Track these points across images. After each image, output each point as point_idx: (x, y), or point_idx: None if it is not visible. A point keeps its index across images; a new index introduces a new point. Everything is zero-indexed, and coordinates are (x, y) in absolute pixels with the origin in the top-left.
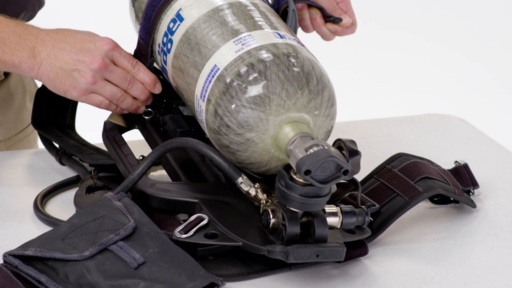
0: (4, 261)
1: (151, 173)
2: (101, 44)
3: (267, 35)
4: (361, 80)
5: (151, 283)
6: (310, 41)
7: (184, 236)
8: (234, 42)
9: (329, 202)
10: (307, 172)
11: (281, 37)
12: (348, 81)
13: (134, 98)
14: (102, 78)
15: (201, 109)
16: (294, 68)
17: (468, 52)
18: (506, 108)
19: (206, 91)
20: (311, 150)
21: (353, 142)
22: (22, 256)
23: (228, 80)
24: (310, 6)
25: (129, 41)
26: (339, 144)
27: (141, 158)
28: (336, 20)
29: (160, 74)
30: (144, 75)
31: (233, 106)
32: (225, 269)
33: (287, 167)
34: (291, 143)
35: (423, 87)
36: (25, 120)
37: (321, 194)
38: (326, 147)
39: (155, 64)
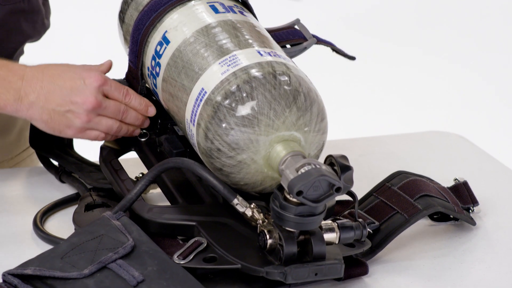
0: (4, 280)
1: (151, 191)
2: (91, 82)
3: (252, 54)
4: (360, 97)
5: None
6: (310, 58)
7: (183, 261)
8: (219, 63)
9: (327, 216)
10: (299, 193)
11: (268, 54)
12: (347, 98)
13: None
14: (96, 115)
15: (192, 133)
16: (281, 87)
17: (468, 69)
18: (506, 125)
19: (195, 115)
20: (302, 170)
21: (344, 157)
22: (21, 275)
23: (215, 104)
24: (319, 41)
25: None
26: (331, 161)
27: (140, 175)
28: (349, 58)
29: (153, 95)
30: (136, 102)
31: (222, 129)
32: (224, 287)
33: (281, 187)
34: (282, 162)
35: (422, 104)
36: (28, 140)
37: (316, 213)
38: (317, 166)
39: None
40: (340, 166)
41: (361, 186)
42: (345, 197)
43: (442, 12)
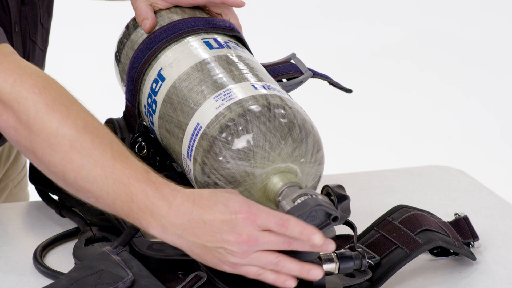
0: None
1: None
2: (241, 217)
3: (247, 87)
4: (359, 130)
5: None
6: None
7: None
8: (214, 98)
9: None
10: None
11: (262, 87)
12: (346, 132)
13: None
14: (252, 251)
15: (189, 168)
16: (275, 119)
17: (467, 103)
18: (506, 160)
19: (191, 150)
20: (299, 200)
21: (341, 187)
22: None
23: (211, 138)
24: (315, 74)
25: None
26: (327, 191)
27: None
28: (345, 91)
29: (150, 132)
30: (295, 231)
31: (218, 163)
32: None
33: None
34: (279, 194)
35: (422, 138)
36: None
37: None
38: (313, 196)
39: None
40: (337, 195)
41: (361, 221)
42: (345, 231)
43: (438, 44)
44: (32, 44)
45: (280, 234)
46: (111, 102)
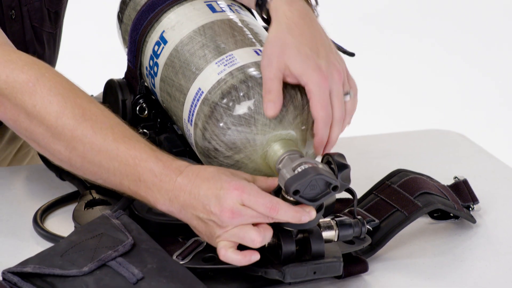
0: (3, 278)
1: None
2: (226, 193)
3: (249, 53)
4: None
5: None
6: None
7: (182, 261)
8: (216, 63)
9: (327, 214)
10: (296, 192)
11: None
12: None
13: None
14: (235, 225)
15: (190, 132)
16: None
17: (468, 66)
18: (506, 123)
19: (192, 115)
20: (299, 169)
21: (341, 156)
22: (21, 273)
23: (212, 103)
24: None
25: None
26: (328, 159)
27: None
28: (348, 54)
29: (152, 94)
30: (287, 215)
31: (219, 129)
32: (224, 284)
33: (278, 188)
34: (279, 161)
35: (422, 102)
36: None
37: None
38: (313, 165)
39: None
40: (337, 164)
41: (360, 185)
42: (345, 195)
43: (441, 9)
44: (35, 30)
45: (266, 216)
46: (113, 64)
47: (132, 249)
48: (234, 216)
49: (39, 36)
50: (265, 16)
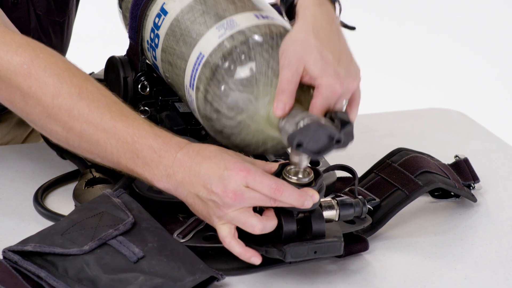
0: (4, 257)
1: None
2: (231, 174)
3: (249, 17)
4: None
5: (151, 276)
6: None
7: (183, 240)
8: (216, 28)
9: (328, 193)
10: (299, 145)
11: (264, 17)
12: None
13: None
14: (237, 208)
15: (192, 98)
16: (278, 46)
17: (469, 46)
18: (507, 102)
19: (194, 79)
20: (301, 123)
21: (344, 113)
22: (21, 252)
23: (213, 66)
24: None
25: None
26: (330, 115)
27: None
28: (348, 28)
29: (153, 71)
30: (291, 198)
31: (221, 90)
32: (225, 263)
33: (278, 171)
34: (282, 119)
35: (423, 81)
36: None
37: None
38: (316, 119)
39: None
40: (340, 120)
41: (362, 163)
42: (346, 174)
43: None
44: (39, 18)
45: (270, 198)
46: (115, 43)
47: (132, 228)
48: (237, 198)
49: (44, 25)
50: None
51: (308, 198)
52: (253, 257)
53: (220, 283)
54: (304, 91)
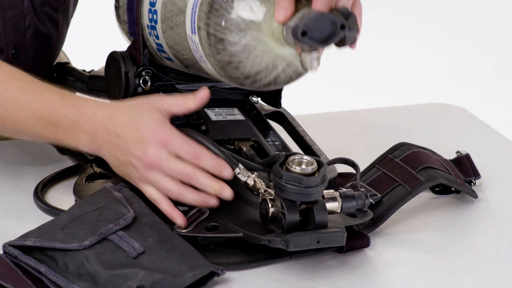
0: (4, 252)
1: None
2: (150, 138)
3: None
4: (361, 69)
5: (151, 272)
6: None
7: (185, 230)
8: None
9: (329, 188)
10: (304, 34)
11: None
12: (348, 71)
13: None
14: (156, 173)
15: (196, 43)
16: None
17: (469, 41)
18: (507, 97)
19: (194, 22)
20: (304, 14)
21: (346, 8)
22: (22, 247)
23: None
24: None
25: None
26: (332, 11)
27: None
28: None
29: (155, 66)
30: (209, 164)
31: (220, 17)
32: (225, 257)
33: (282, 163)
34: (285, 29)
35: (423, 76)
36: None
37: (317, 183)
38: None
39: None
40: (342, 13)
41: (363, 158)
42: (347, 169)
43: None
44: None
45: (187, 164)
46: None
47: (133, 223)
48: (156, 163)
49: (36, 5)
50: None
51: (226, 167)
52: (178, 218)
53: (221, 278)
54: (303, 4)
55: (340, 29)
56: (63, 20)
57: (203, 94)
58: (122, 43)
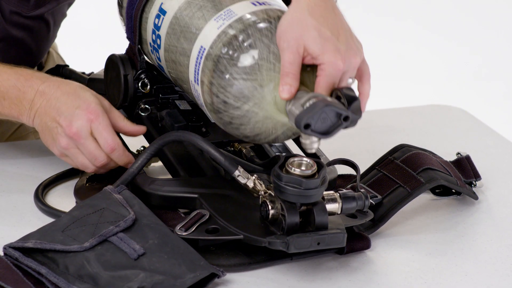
0: (5, 253)
1: (152, 164)
2: (80, 112)
3: (246, 5)
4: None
5: (151, 274)
6: None
7: (185, 233)
8: (215, 19)
9: (329, 189)
10: (307, 126)
11: (260, 4)
12: None
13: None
14: (74, 147)
15: (198, 93)
16: (276, 30)
17: (469, 42)
18: (507, 99)
19: (198, 73)
20: (308, 104)
21: (350, 89)
22: (22, 248)
23: (215, 57)
24: None
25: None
26: (337, 94)
27: (142, 148)
28: None
29: (153, 69)
30: (120, 159)
31: (225, 81)
32: (226, 259)
33: (281, 164)
34: (289, 102)
35: (423, 78)
36: None
37: (317, 185)
38: (322, 98)
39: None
40: (347, 97)
41: (363, 159)
42: (347, 170)
43: None
44: (3, 5)
45: (102, 151)
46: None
47: (133, 225)
48: (75, 135)
49: (4, 12)
50: None
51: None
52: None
53: (221, 280)
54: (308, 72)
55: (343, 120)
56: (41, 26)
57: (140, 130)
58: (122, 45)
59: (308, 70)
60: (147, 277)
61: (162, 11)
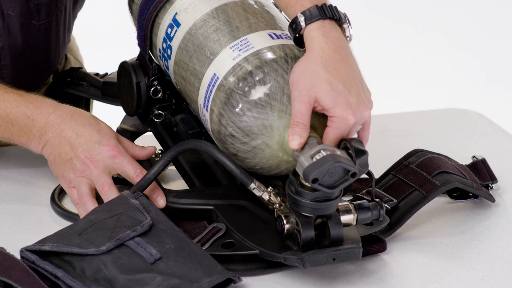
0: (22, 257)
1: (169, 168)
2: (103, 150)
3: (264, 37)
4: (378, 75)
5: (168, 277)
6: None
7: (202, 248)
8: (231, 48)
9: (344, 193)
10: (315, 180)
11: (278, 37)
12: (364, 77)
13: None
14: (87, 176)
15: (206, 118)
16: None
17: (486, 46)
18: None
19: (208, 101)
20: (317, 156)
21: (359, 141)
22: (39, 251)
23: (228, 90)
24: None
25: None
26: (345, 145)
27: (159, 152)
28: None
29: (165, 75)
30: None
31: (236, 115)
32: (242, 263)
33: (296, 173)
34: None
35: (439, 82)
36: None
37: (332, 197)
38: (332, 152)
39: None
40: (355, 150)
41: (379, 164)
42: (363, 175)
43: None
44: (12, 18)
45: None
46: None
47: (150, 230)
48: (93, 166)
49: (16, 27)
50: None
51: (162, 196)
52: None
53: (237, 285)
54: (318, 115)
55: (351, 177)
56: (53, 33)
57: (150, 152)
58: (136, 44)
59: (319, 114)
60: (163, 280)
61: (176, 22)
